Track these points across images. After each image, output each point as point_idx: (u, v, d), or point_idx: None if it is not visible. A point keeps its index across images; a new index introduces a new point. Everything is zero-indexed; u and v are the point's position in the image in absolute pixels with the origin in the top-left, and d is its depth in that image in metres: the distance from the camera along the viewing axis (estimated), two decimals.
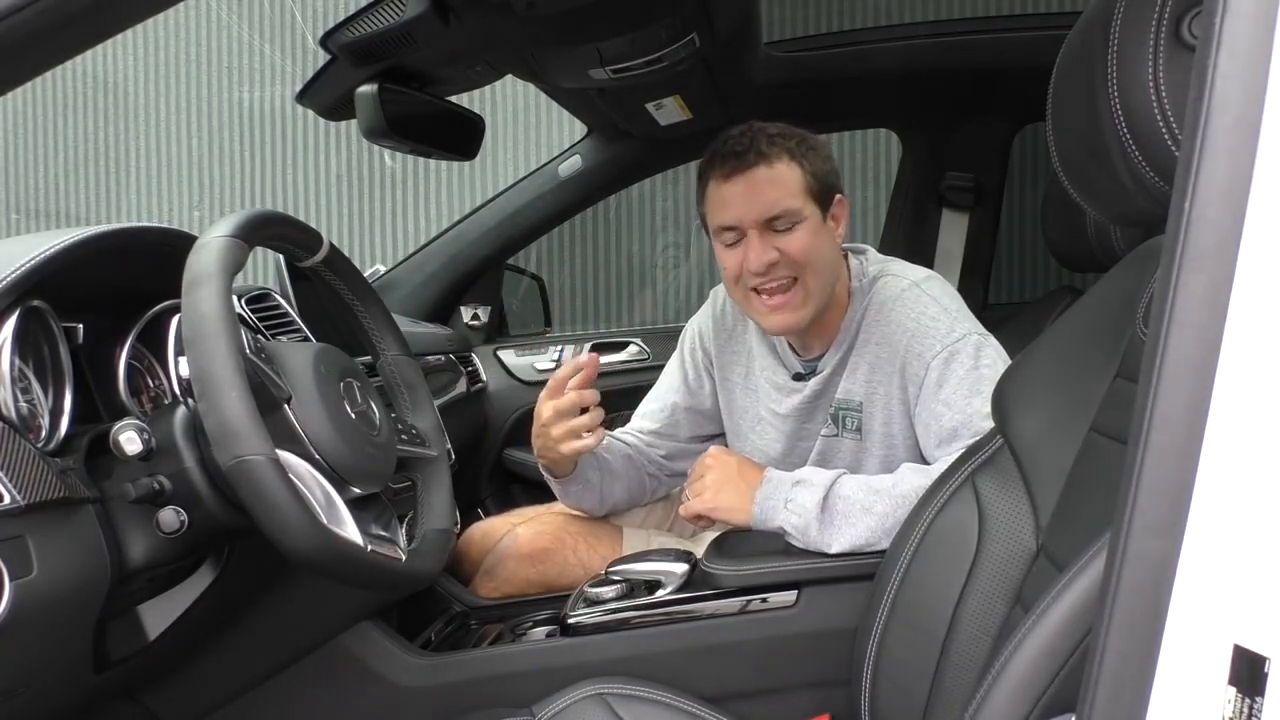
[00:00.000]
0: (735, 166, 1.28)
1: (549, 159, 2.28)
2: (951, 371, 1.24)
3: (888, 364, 1.31)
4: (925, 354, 1.26)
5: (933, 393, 1.25)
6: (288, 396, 0.93)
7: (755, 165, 1.28)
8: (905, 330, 1.29)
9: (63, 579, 0.81)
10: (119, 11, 0.84)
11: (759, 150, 1.28)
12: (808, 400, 1.39)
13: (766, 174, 1.28)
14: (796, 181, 1.29)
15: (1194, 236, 0.49)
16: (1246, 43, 0.48)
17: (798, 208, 1.28)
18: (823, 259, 1.31)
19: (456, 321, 2.37)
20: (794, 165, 1.29)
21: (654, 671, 1.20)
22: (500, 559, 1.50)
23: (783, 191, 1.28)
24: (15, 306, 0.89)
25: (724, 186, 1.30)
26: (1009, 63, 1.97)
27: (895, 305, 1.32)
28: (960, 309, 1.32)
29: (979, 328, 1.29)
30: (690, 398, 1.55)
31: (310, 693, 1.30)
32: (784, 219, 1.28)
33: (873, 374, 1.33)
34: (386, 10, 1.31)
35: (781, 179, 1.28)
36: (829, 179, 1.33)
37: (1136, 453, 0.50)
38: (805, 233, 1.29)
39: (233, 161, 3.36)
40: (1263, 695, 0.46)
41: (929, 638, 0.95)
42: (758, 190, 1.28)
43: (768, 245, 1.28)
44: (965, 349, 1.25)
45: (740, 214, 1.29)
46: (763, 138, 1.29)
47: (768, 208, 1.28)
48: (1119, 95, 0.65)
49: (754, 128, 1.31)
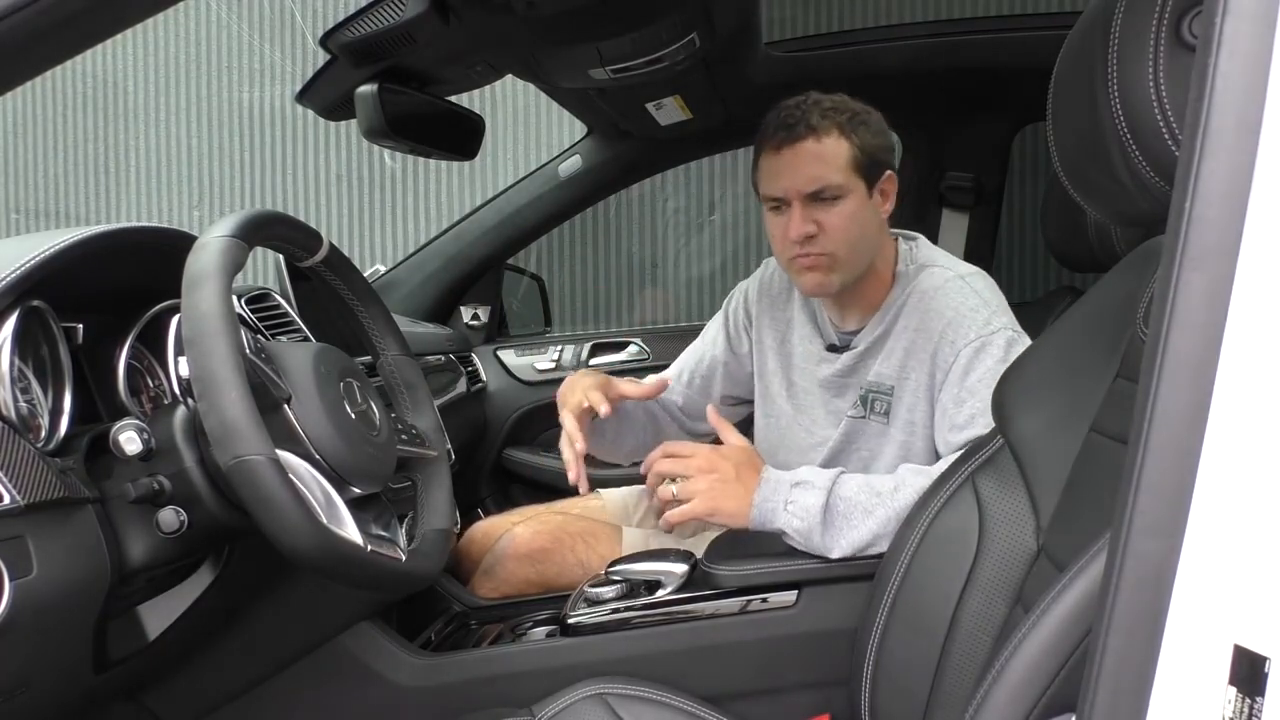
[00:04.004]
0: (785, 139, 1.31)
1: (549, 159, 2.28)
2: (980, 361, 1.25)
3: (921, 350, 1.32)
4: (958, 341, 1.28)
5: (958, 379, 1.26)
6: (288, 396, 0.93)
7: (804, 139, 1.30)
8: (942, 318, 1.31)
9: (62, 579, 0.81)
10: (119, 12, 0.84)
11: (809, 124, 1.31)
12: (839, 374, 1.41)
13: (814, 148, 1.30)
14: (843, 156, 1.31)
15: (1194, 236, 0.49)
16: (1246, 43, 0.48)
17: (840, 183, 1.31)
18: (862, 234, 1.34)
19: (456, 321, 2.37)
20: (842, 140, 1.31)
21: (654, 671, 1.20)
22: (499, 559, 1.50)
23: (828, 166, 1.31)
24: (15, 306, 0.89)
25: (773, 158, 1.33)
26: (1009, 63, 1.98)
27: (937, 294, 1.34)
28: (1000, 305, 1.33)
29: (1015, 325, 1.30)
30: (729, 354, 1.59)
31: (310, 693, 1.30)
32: (827, 192, 1.31)
33: (907, 359, 1.34)
34: (386, 10, 1.31)
35: (828, 154, 1.31)
36: (879, 155, 1.35)
37: (1136, 453, 0.50)
38: (848, 207, 1.32)
39: (233, 161, 3.36)
40: (1263, 695, 0.46)
41: (929, 638, 0.95)
42: (803, 163, 1.31)
43: (808, 217, 1.32)
44: (997, 342, 1.26)
45: (785, 186, 1.32)
46: (815, 111, 1.32)
47: (811, 181, 1.31)
48: (1119, 95, 0.65)
49: (809, 99, 1.34)
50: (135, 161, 3.42)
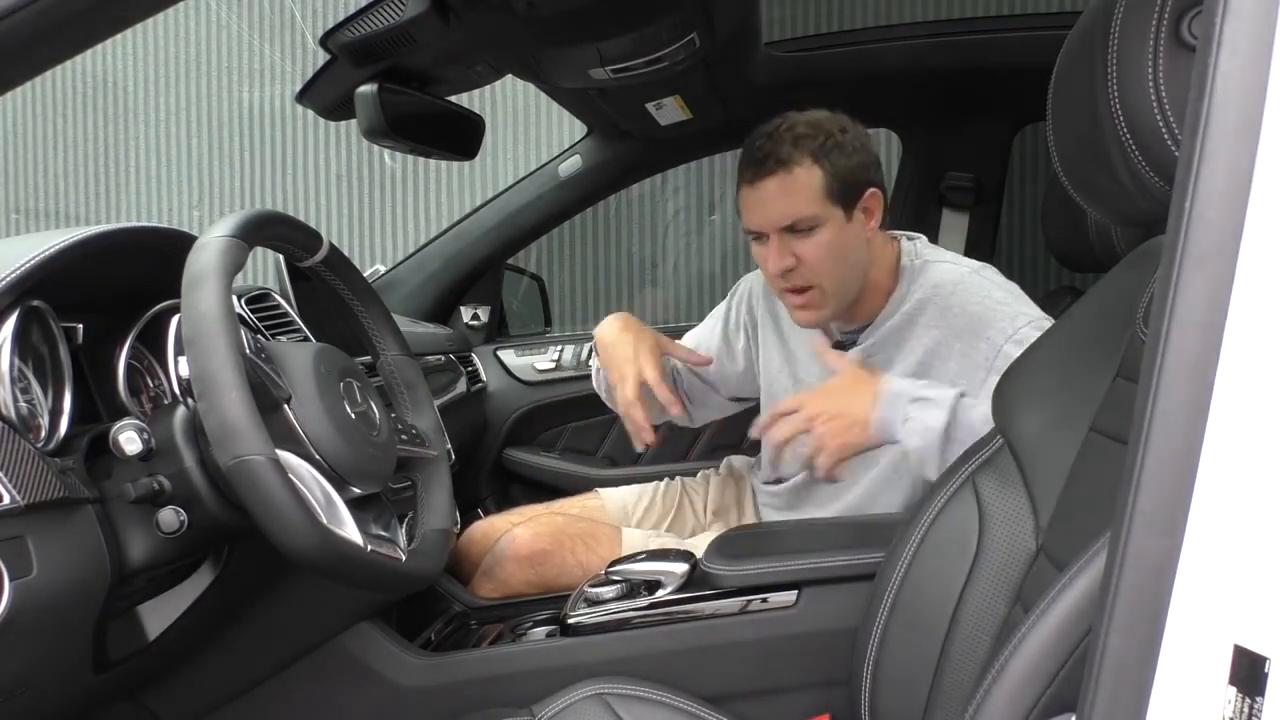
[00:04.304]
0: (756, 173, 1.31)
1: (549, 159, 2.28)
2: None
3: (947, 347, 1.32)
4: (995, 338, 1.27)
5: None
6: (288, 396, 0.93)
7: (773, 173, 1.30)
8: (970, 315, 1.30)
9: (62, 579, 0.81)
10: (119, 11, 0.84)
11: (778, 157, 1.29)
12: None
13: (783, 183, 1.29)
14: (815, 187, 1.30)
15: (1194, 236, 0.49)
16: (1246, 43, 0.48)
17: (814, 213, 1.30)
18: (844, 259, 1.33)
19: (456, 321, 2.37)
20: (814, 168, 1.30)
21: (654, 671, 1.20)
22: (499, 560, 1.50)
23: (798, 199, 1.30)
24: (15, 306, 0.89)
25: (748, 190, 1.34)
26: (1009, 63, 1.97)
27: (958, 290, 1.33)
28: (1019, 294, 1.34)
29: (1039, 312, 1.30)
30: (722, 344, 1.61)
31: (310, 693, 1.30)
32: (801, 224, 1.30)
33: (931, 357, 1.33)
34: (386, 10, 1.31)
35: (799, 187, 1.29)
36: (855, 175, 1.33)
37: (1136, 453, 0.50)
38: (824, 236, 1.31)
39: (233, 161, 3.36)
40: (1263, 695, 0.46)
41: (929, 637, 0.95)
42: (773, 199, 1.31)
43: (785, 251, 1.31)
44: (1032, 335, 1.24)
45: (759, 220, 1.33)
46: (787, 139, 1.30)
47: (782, 216, 1.30)
48: (1119, 95, 0.65)
49: (780, 128, 1.32)
50: (135, 161, 3.42)
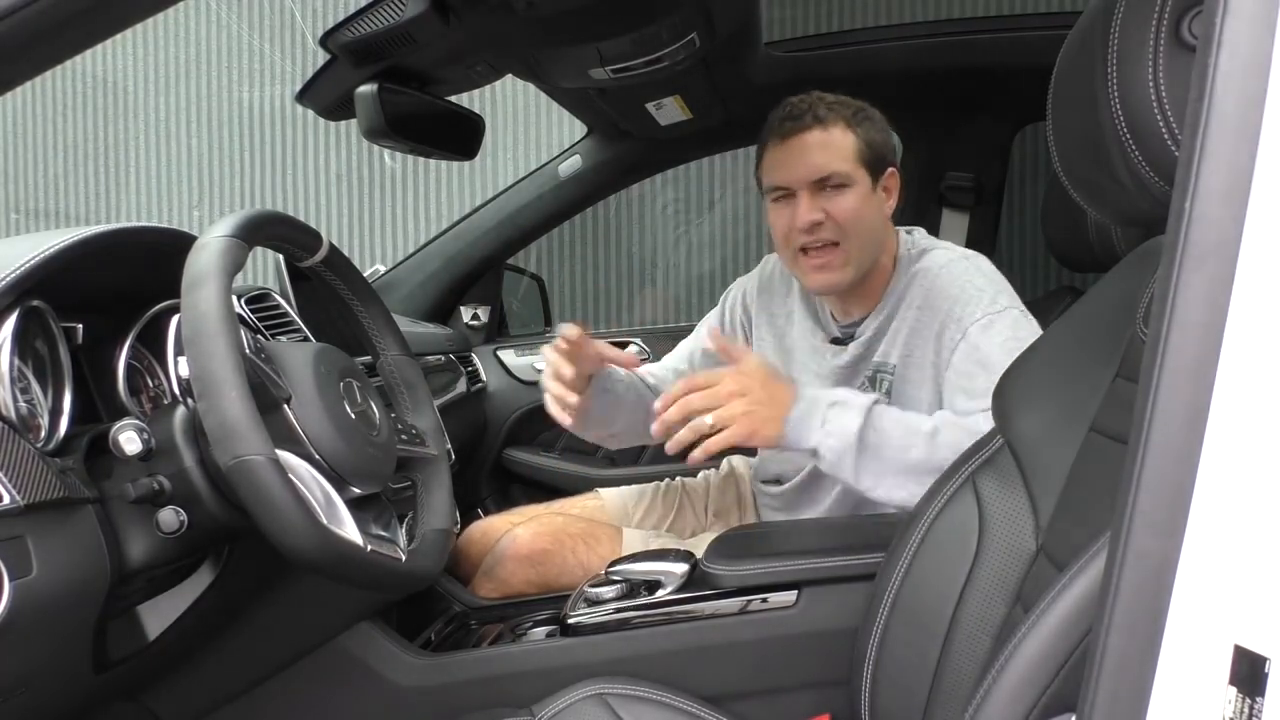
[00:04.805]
0: (791, 129, 1.34)
1: (549, 159, 2.28)
2: (989, 338, 1.25)
3: (926, 328, 1.33)
4: (965, 319, 1.28)
5: (967, 354, 1.26)
6: (288, 396, 0.93)
7: (810, 128, 1.33)
8: (947, 296, 1.31)
9: (62, 579, 0.81)
10: (119, 11, 0.84)
11: (815, 114, 1.33)
12: (847, 366, 1.41)
13: (820, 137, 1.33)
14: (849, 147, 1.33)
15: (1194, 236, 0.49)
16: (1246, 43, 0.48)
17: (847, 171, 1.33)
18: (868, 226, 1.35)
19: (456, 321, 2.37)
20: (848, 131, 1.34)
21: (654, 671, 1.20)
22: (499, 560, 1.50)
23: (834, 155, 1.33)
24: (15, 306, 0.89)
25: (779, 148, 1.35)
26: (1009, 63, 1.98)
27: (941, 273, 1.34)
28: (1004, 284, 1.34)
29: (1020, 304, 1.31)
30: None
31: (310, 693, 1.30)
32: (833, 180, 1.32)
33: (911, 338, 1.34)
34: (386, 10, 1.31)
35: (834, 143, 1.33)
36: (882, 150, 1.37)
37: (1136, 453, 0.50)
38: (853, 197, 1.33)
39: (233, 161, 3.36)
40: (1263, 695, 0.46)
41: (929, 637, 0.95)
42: (810, 152, 1.33)
43: (815, 205, 1.33)
44: (1005, 320, 1.26)
45: (791, 174, 1.34)
46: (821, 104, 1.35)
47: (818, 169, 1.32)
48: (1119, 95, 0.65)
49: (813, 95, 1.36)
50: (135, 161, 3.42)
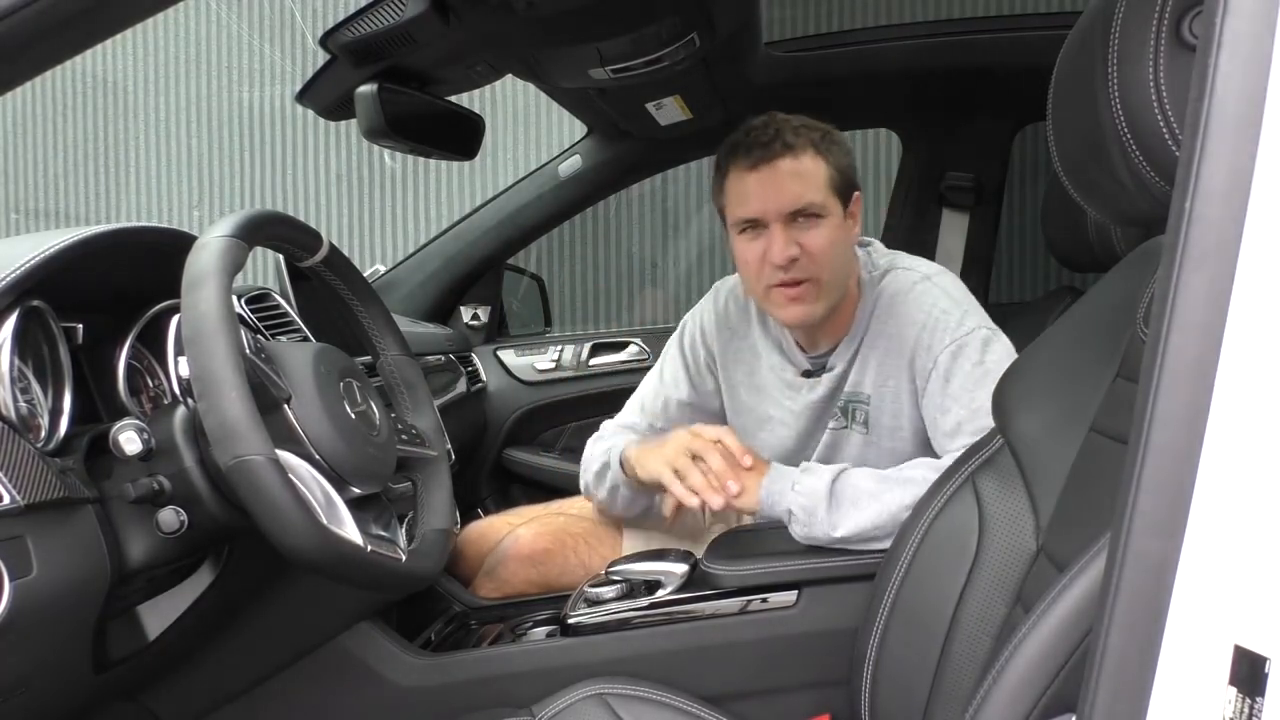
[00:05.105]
0: (760, 157, 1.25)
1: (549, 159, 2.28)
2: (958, 366, 1.24)
3: (897, 357, 1.31)
4: (934, 347, 1.26)
5: (940, 387, 1.25)
6: (288, 396, 0.93)
7: (781, 156, 1.25)
8: (915, 323, 1.29)
9: (62, 579, 0.81)
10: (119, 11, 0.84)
11: (784, 141, 1.25)
12: (822, 399, 1.38)
13: (792, 166, 1.25)
14: (821, 175, 1.27)
15: (1194, 236, 0.49)
16: (1246, 43, 0.48)
17: (821, 201, 1.26)
18: (840, 257, 1.31)
19: (456, 321, 2.37)
20: (818, 159, 1.27)
21: (654, 671, 1.20)
22: (501, 559, 1.50)
23: (808, 185, 1.26)
24: (15, 306, 0.89)
25: (747, 177, 1.26)
26: (1009, 63, 1.97)
27: (906, 299, 1.31)
28: (971, 304, 1.32)
29: (988, 322, 1.29)
30: (694, 394, 1.51)
31: (310, 693, 1.30)
32: (808, 210, 1.26)
33: (882, 367, 1.33)
34: (386, 10, 1.31)
35: (806, 172, 1.26)
36: (850, 174, 1.31)
37: (1136, 453, 0.50)
38: (827, 229, 1.27)
39: (233, 161, 3.36)
40: (1263, 695, 0.46)
41: (929, 637, 0.95)
42: (783, 182, 1.25)
43: (790, 239, 1.26)
44: (973, 343, 1.25)
45: (764, 206, 1.26)
46: (787, 128, 1.26)
47: (792, 200, 1.25)
48: (1119, 95, 0.65)
49: (776, 118, 1.28)
50: (135, 161, 3.42)
